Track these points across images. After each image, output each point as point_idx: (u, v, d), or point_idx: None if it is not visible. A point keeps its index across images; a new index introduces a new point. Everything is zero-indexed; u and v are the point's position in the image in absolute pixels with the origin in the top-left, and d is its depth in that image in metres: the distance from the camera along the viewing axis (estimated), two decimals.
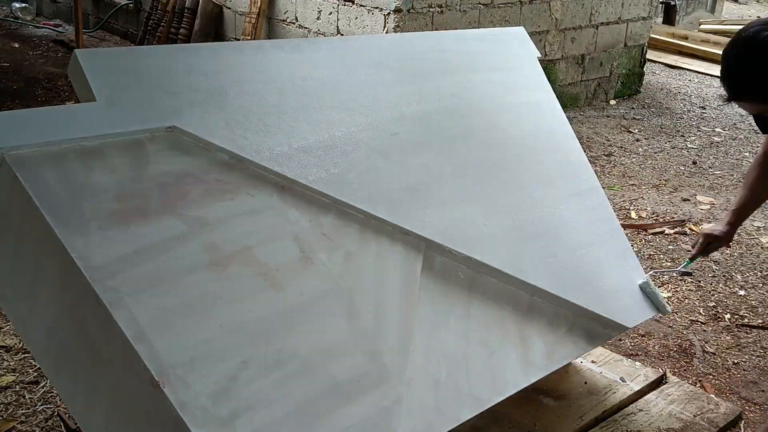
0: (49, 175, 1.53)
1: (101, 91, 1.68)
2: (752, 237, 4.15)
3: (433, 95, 2.27)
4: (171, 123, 1.72)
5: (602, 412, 2.26)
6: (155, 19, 7.38)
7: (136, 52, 1.99)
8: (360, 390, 1.63)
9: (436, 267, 1.96)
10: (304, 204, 1.81)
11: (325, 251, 1.77)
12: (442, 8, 5.38)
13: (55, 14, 9.14)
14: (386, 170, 2.00)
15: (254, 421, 1.47)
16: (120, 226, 1.54)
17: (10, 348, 2.73)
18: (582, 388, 2.35)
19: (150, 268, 1.52)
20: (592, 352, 2.47)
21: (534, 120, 2.48)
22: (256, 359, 1.54)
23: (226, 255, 1.63)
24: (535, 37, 5.64)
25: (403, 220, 1.92)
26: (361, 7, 5.39)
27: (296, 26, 6.01)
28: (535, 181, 2.32)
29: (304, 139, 1.90)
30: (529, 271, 2.09)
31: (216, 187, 1.71)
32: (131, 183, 1.61)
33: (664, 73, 8.14)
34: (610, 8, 6.63)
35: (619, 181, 4.99)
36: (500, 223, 2.13)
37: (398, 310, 1.79)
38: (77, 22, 6.28)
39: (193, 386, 1.43)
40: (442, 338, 1.88)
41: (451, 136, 2.22)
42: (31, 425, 2.36)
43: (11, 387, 2.53)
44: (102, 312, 1.44)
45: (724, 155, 5.60)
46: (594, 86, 6.81)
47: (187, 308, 1.52)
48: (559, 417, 2.20)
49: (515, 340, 2.01)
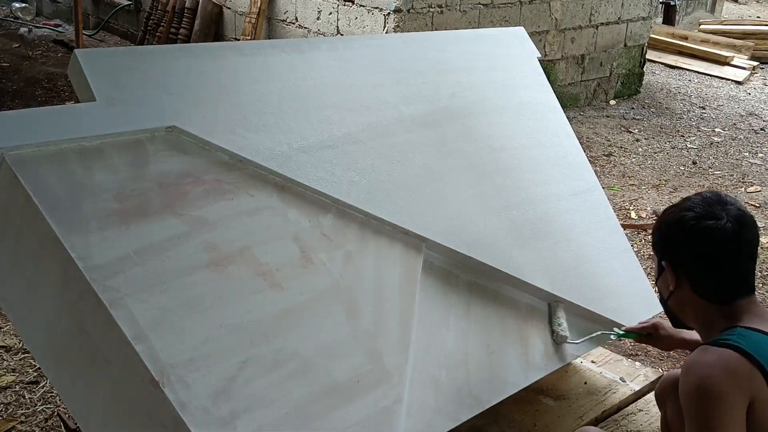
0: (49, 175, 1.53)
1: (101, 91, 1.68)
2: None
3: (433, 95, 2.27)
4: (171, 123, 1.72)
5: (602, 412, 2.26)
6: (155, 19, 7.38)
7: (136, 52, 1.99)
8: (360, 390, 1.63)
9: (436, 267, 1.96)
10: (304, 204, 1.81)
11: (325, 251, 1.77)
12: (442, 8, 5.38)
13: (55, 14, 9.14)
14: (386, 170, 2.00)
15: (254, 420, 1.47)
16: (120, 226, 1.54)
17: (10, 348, 2.73)
18: (582, 388, 2.35)
19: (150, 268, 1.52)
20: (592, 352, 2.47)
21: (534, 120, 2.48)
22: (255, 359, 1.54)
23: (225, 255, 1.63)
24: (535, 37, 5.64)
25: (402, 219, 1.92)
26: (361, 7, 5.39)
27: (296, 26, 6.01)
28: (535, 181, 2.32)
29: (304, 139, 1.90)
30: (529, 271, 2.09)
31: (216, 187, 1.71)
32: (131, 183, 1.61)
33: (664, 73, 8.14)
34: (610, 8, 6.63)
35: (619, 181, 4.99)
36: (500, 223, 2.13)
37: (398, 310, 1.79)
38: (77, 22, 6.28)
39: (192, 386, 1.43)
40: (442, 338, 1.87)
41: (450, 136, 2.22)
42: (31, 425, 2.36)
43: (11, 387, 2.53)
44: (102, 312, 1.44)
45: (724, 155, 5.60)
46: (594, 86, 6.81)
47: (187, 308, 1.52)
48: (558, 417, 2.20)
49: (515, 340, 2.01)
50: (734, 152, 5.68)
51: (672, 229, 1.63)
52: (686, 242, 1.60)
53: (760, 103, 7.15)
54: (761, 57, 8.70)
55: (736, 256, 1.57)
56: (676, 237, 1.62)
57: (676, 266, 1.63)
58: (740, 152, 5.69)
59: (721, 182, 5.03)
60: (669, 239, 1.65)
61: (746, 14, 12.48)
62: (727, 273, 1.58)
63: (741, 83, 7.85)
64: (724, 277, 1.58)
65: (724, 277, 1.58)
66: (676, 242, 1.63)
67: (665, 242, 1.67)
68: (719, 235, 1.55)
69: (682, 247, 1.61)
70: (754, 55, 8.60)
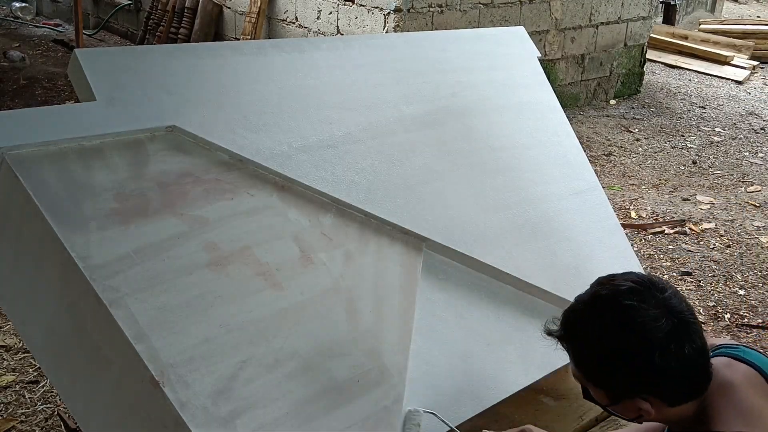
0: (49, 174, 1.53)
1: (101, 91, 1.68)
2: (752, 237, 4.15)
3: (433, 95, 2.27)
4: (171, 123, 1.72)
5: (602, 412, 2.26)
6: (155, 18, 7.38)
7: (136, 51, 1.99)
8: (360, 389, 1.63)
9: (436, 266, 1.96)
10: (304, 204, 1.81)
11: (324, 251, 1.77)
12: (442, 8, 5.38)
13: (55, 14, 9.14)
14: (386, 170, 2.00)
15: (254, 420, 1.47)
16: (120, 225, 1.54)
17: (10, 348, 2.73)
18: None
19: (150, 268, 1.52)
20: None
21: (534, 119, 2.47)
22: (255, 359, 1.53)
23: (225, 255, 1.63)
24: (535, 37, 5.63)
25: (402, 219, 1.92)
26: (361, 6, 5.39)
27: (296, 26, 6.01)
28: (535, 180, 2.32)
29: (304, 139, 1.90)
30: (529, 270, 2.09)
31: (216, 186, 1.71)
32: (131, 183, 1.61)
33: (664, 73, 8.14)
34: (610, 8, 6.63)
35: (619, 180, 4.99)
36: (500, 223, 2.13)
37: (398, 309, 1.79)
38: (77, 22, 6.28)
39: (192, 386, 1.43)
40: (442, 338, 1.87)
41: (450, 136, 2.22)
42: (31, 425, 2.36)
43: (11, 387, 2.53)
44: (102, 311, 1.44)
45: (724, 155, 5.60)
46: (594, 86, 6.81)
47: (187, 308, 1.52)
48: (559, 417, 2.20)
49: (515, 339, 2.01)
50: (734, 152, 5.68)
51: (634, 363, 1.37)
52: (659, 372, 1.37)
53: (760, 103, 7.15)
54: (761, 56, 8.71)
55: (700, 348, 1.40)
56: (643, 369, 1.37)
57: (647, 398, 1.41)
58: (740, 152, 5.69)
59: (721, 182, 5.03)
60: (632, 378, 1.39)
61: (746, 14, 12.48)
62: (701, 367, 1.42)
63: (741, 83, 7.86)
64: (698, 374, 1.42)
65: (698, 372, 1.42)
66: (644, 376, 1.38)
67: (626, 381, 1.40)
68: (686, 346, 1.35)
69: (655, 379, 1.38)
70: (754, 55, 8.60)
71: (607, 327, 1.40)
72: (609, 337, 1.40)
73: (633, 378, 1.39)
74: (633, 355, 1.37)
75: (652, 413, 1.42)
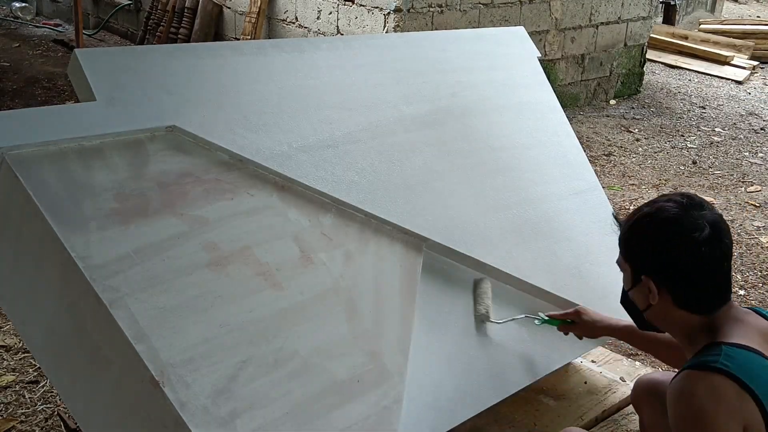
0: (49, 174, 1.53)
1: (101, 91, 1.68)
2: (752, 237, 4.15)
3: (433, 95, 2.28)
4: (171, 123, 1.72)
5: (602, 411, 2.26)
6: (155, 18, 7.38)
7: (136, 51, 1.99)
8: (360, 389, 1.63)
9: (436, 266, 1.96)
10: (304, 204, 1.81)
11: (324, 251, 1.77)
12: (442, 8, 5.38)
13: (55, 14, 9.14)
14: (386, 170, 2.00)
15: (254, 420, 1.47)
16: (120, 225, 1.54)
17: (10, 348, 2.73)
18: (582, 388, 2.35)
19: (150, 268, 1.52)
20: (592, 352, 2.47)
21: (534, 119, 2.48)
22: (255, 359, 1.54)
23: (225, 255, 1.63)
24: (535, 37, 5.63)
25: (402, 219, 1.92)
26: (361, 6, 5.39)
27: (296, 26, 6.01)
28: (535, 180, 2.32)
29: (304, 139, 1.90)
30: (529, 270, 2.09)
31: (216, 186, 1.71)
32: (131, 182, 1.61)
33: (664, 73, 8.14)
34: (610, 8, 6.63)
35: (619, 180, 4.99)
36: (500, 223, 2.13)
37: (398, 309, 1.79)
38: (77, 22, 6.28)
39: (192, 386, 1.43)
40: (442, 338, 1.88)
41: (450, 136, 2.22)
42: (31, 425, 2.36)
43: (11, 386, 2.53)
44: (102, 312, 1.44)
45: (724, 155, 5.60)
46: (594, 86, 6.81)
47: (187, 308, 1.52)
48: (559, 417, 2.20)
49: (515, 339, 2.01)
50: (734, 152, 5.68)
51: (653, 243, 1.56)
52: (670, 256, 1.53)
53: (760, 103, 7.15)
54: (761, 56, 8.70)
55: (718, 265, 1.53)
56: (659, 251, 1.55)
57: (658, 280, 1.56)
58: (740, 152, 5.69)
59: (721, 182, 5.03)
60: (649, 253, 1.57)
61: (746, 14, 12.48)
62: (711, 284, 1.54)
63: (741, 83, 7.85)
64: (707, 288, 1.55)
65: (708, 287, 1.55)
66: (658, 256, 1.55)
67: (644, 256, 1.58)
68: (704, 247, 1.51)
69: (665, 261, 1.54)
70: (754, 55, 8.59)
71: (656, 216, 1.57)
72: (656, 223, 1.56)
73: (657, 256, 1.55)
74: (669, 236, 1.54)
75: (656, 298, 1.57)
